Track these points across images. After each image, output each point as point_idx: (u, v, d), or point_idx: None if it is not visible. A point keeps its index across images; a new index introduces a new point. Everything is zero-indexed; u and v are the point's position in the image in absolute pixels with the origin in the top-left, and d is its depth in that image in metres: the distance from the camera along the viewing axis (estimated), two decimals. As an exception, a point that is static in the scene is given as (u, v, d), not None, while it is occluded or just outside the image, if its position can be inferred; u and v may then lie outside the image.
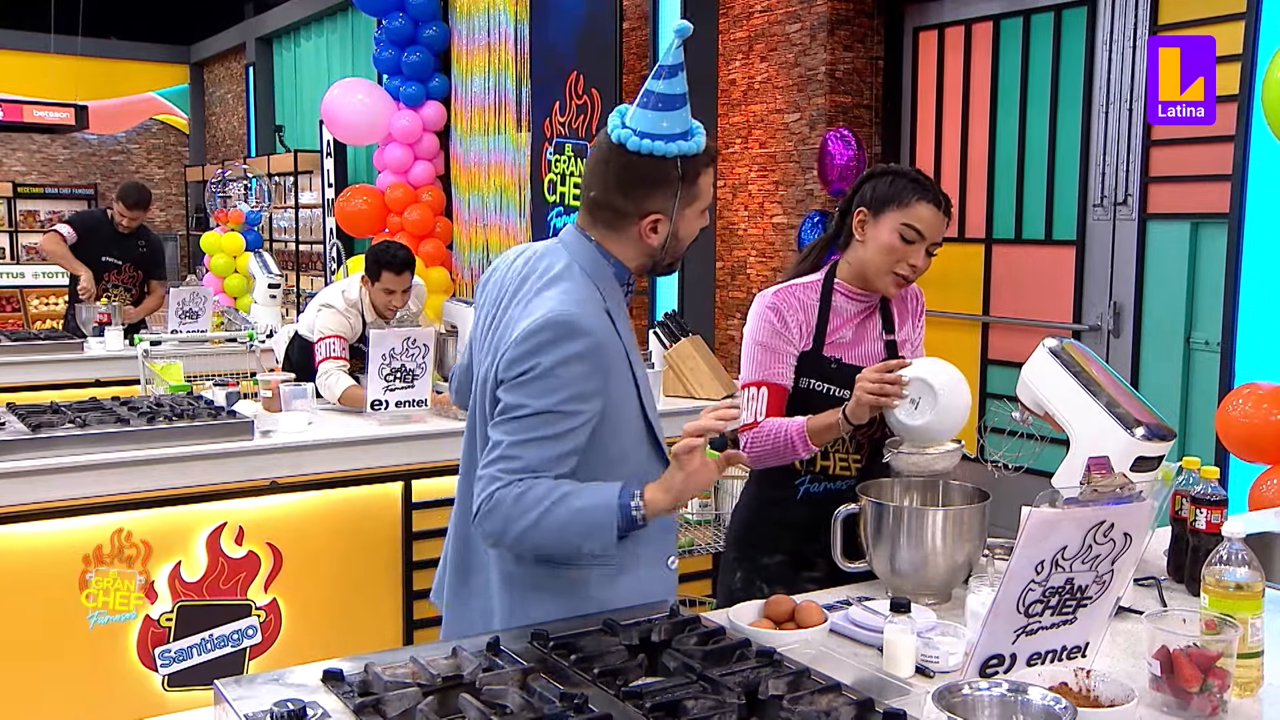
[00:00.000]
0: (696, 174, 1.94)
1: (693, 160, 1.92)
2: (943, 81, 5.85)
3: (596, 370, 1.87)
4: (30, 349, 5.74)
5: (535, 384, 1.85)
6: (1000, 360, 5.56)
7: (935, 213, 2.35)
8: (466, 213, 8.86)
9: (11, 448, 3.25)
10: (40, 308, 11.87)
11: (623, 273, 1.99)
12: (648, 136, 1.89)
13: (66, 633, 3.26)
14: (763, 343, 2.37)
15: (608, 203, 1.95)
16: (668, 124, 1.88)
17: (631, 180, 1.92)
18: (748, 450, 2.33)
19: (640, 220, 1.94)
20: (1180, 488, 2.14)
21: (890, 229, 2.33)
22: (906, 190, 2.33)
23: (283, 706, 1.46)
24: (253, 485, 3.55)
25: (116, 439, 3.39)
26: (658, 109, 1.88)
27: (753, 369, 2.38)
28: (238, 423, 3.60)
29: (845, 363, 2.39)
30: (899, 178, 2.36)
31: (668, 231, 1.95)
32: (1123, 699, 1.50)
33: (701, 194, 1.97)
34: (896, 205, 2.33)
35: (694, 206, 1.97)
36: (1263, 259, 3.88)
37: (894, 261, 2.35)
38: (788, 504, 2.42)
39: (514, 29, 8.17)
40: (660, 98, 1.88)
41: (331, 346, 4.30)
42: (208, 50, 16.12)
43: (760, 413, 2.33)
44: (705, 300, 6.63)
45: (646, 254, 1.99)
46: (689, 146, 1.90)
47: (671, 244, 1.98)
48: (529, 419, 1.86)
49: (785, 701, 1.49)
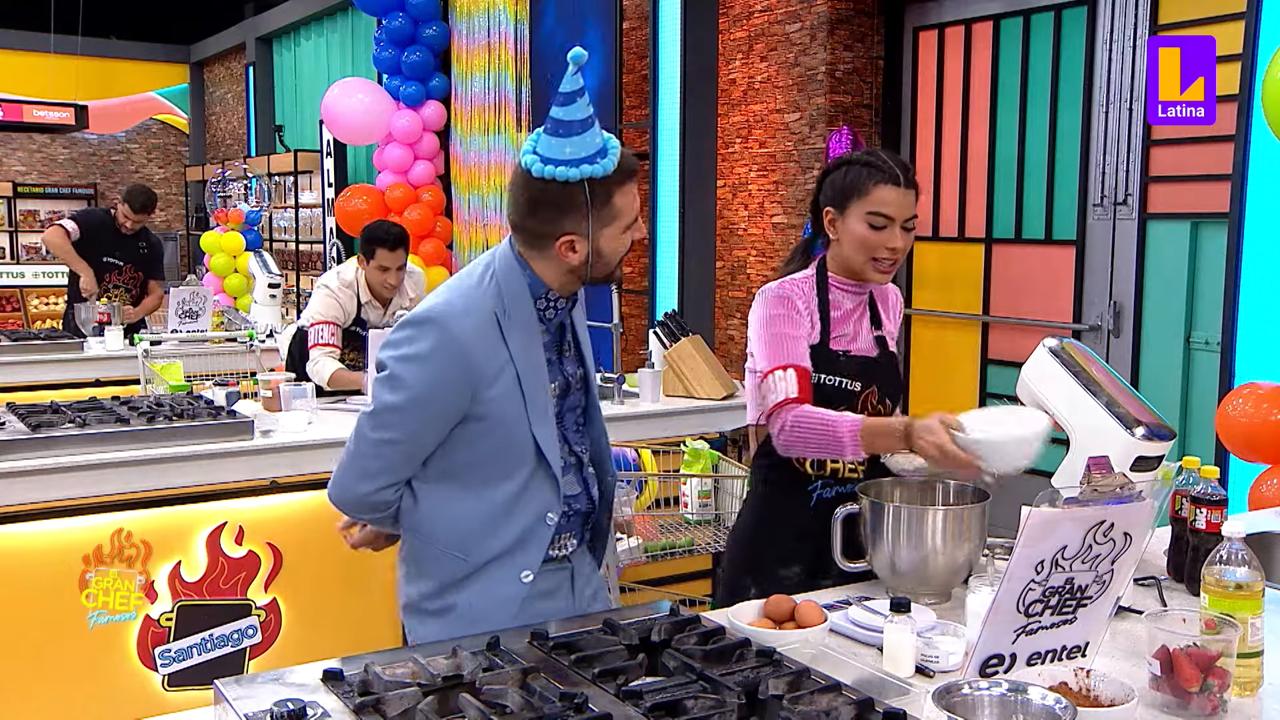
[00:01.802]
0: (609, 194, 1.96)
1: (603, 182, 1.94)
2: (943, 81, 5.85)
3: (449, 372, 1.95)
4: (30, 349, 5.75)
5: (388, 381, 1.99)
6: (1000, 360, 5.56)
7: (897, 191, 2.28)
8: (466, 213, 8.86)
9: (11, 448, 3.25)
10: (40, 308, 11.86)
11: (538, 287, 2.04)
12: (550, 162, 1.92)
13: (66, 633, 3.25)
14: (779, 329, 2.30)
15: (523, 225, 2.02)
16: (570, 149, 1.91)
17: (540, 204, 1.97)
18: (783, 435, 2.23)
19: (556, 242, 1.98)
20: (1180, 488, 2.14)
21: (858, 221, 2.29)
22: (862, 177, 2.29)
23: (283, 706, 1.46)
24: (253, 485, 3.55)
25: (116, 439, 3.39)
26: (558, 135, 1.92)
27: (774, 354, 2.28)
28: (238, 423, 3.60)
29: (853, 354, 2.36)
30: (853, 166, 2.32)
31: (587, 250, 1.98)
32: (1123, 699, 1.50)
33: (620, 212, 1.99)
34: (857, 196, 2.29)
35: (613, 226, 1.99)
36: (1263, 259, 3.88)
37: (872, 250, 2.30)
38: (801, 511, 2.34)
39: (514, 29, 8.18)
40: (560, 124, 1.92)
41: (321, 333, 4.39)
42: (208, 50, 16.11)
43: (792, 390, 2.22)
44: (705, 300, 6.63)
45: (569, 271, 2.02)
46: (594, 170, 1.92)
47: (596, 261, 2.00)
48: (380, 415, 1.99)
49: (785, 701, 1.49)
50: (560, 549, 2.13)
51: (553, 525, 2.07)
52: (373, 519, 2.16)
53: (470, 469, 2.03)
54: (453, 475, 2.04)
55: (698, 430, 4.32)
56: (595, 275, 2.03)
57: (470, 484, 2.03)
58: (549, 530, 2.07)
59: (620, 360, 4.75)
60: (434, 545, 2.07)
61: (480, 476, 2.03)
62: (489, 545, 2.03)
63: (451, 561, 2.06)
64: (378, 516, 2.13)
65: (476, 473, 2.03)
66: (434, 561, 2.08)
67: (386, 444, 2.01)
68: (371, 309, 4.54)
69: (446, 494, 2.05)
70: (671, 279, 6.58)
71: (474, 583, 2.05)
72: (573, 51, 1.92)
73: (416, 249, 8.53)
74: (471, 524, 2.04)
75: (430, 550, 2.08)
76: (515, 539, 2.04)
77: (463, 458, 2.02)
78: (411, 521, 2.10)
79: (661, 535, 3.65)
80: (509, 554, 2.04)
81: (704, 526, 3.67)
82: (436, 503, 2.06)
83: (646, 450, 3.94)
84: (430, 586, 2.09)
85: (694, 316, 6.28)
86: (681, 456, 3.84)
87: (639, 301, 7.17)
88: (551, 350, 2.09)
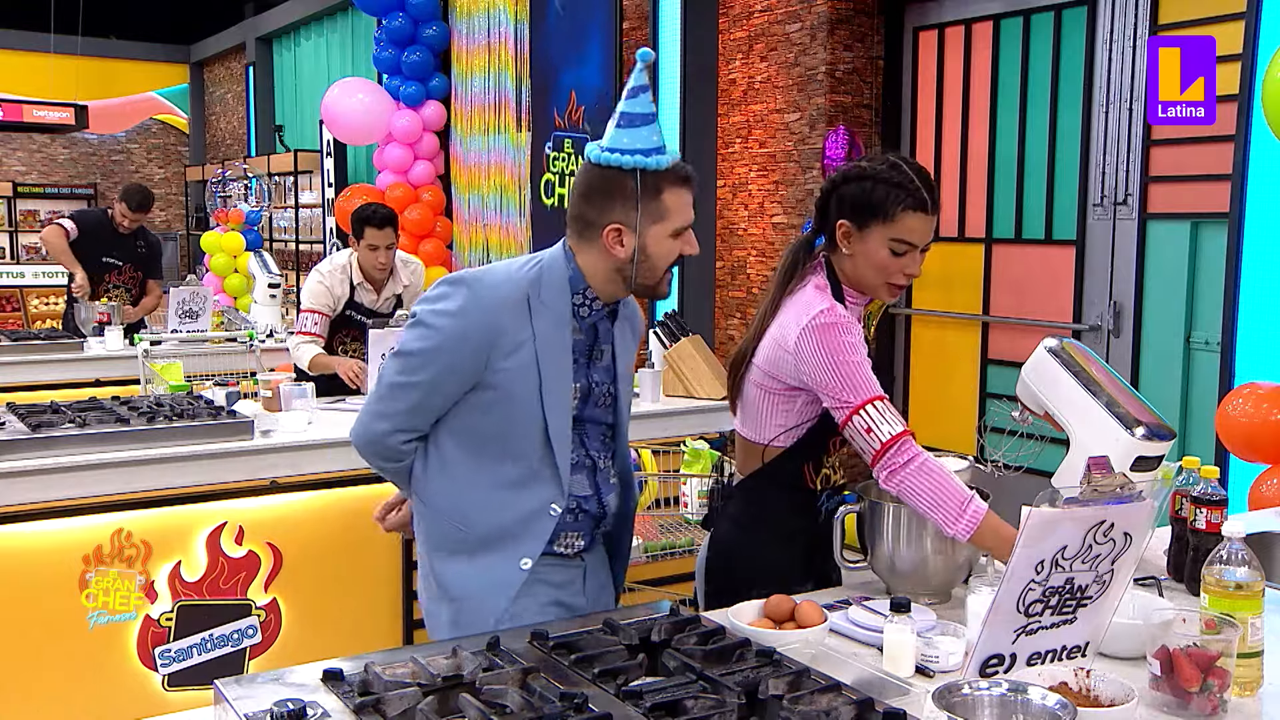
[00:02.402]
0: (659, 189, 2.05)
1: (654, 175, 2.05)
2: (943, 81, 5.84)
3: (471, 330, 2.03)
4: (30, 349, 5.75)
5: (416, 328, 2.09)
6: (1000, 360, 5.56)
7: (923, 219, 2.16)
8: (466, 213, 8.87)
9: (11, 448, 3.25)
10: (40, 308, 11.86)
11: (578, 281, 2.12)
12: (608, 150, 2.05)
13: (66, 633, 3.25)
14: (854, 359, 2.11)
15: (578, 214, 2.12)
16: (628, 139, 2.04)
17: (593, 189, 2.08)
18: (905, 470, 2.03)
19: (604, 230, 2.07)
20: (1180, 488, 2.14)
21: (879, 244, 2.17)
22: (890, 200, 2.14)
23: (283, 706, 1.46)
24: (253, 485, 3.55)
25: (116, 439, 3.39)
26: (620, 126, 2.06)
27: (867, 385, 2.10)
28: (238, 423, 3.60)
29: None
30: (879, 184, 2.16)
31: (633, 245, 2.06)
32: (1123, 699, 1.50)
33: (668, 211, 2.07)
34: (881, 220, 2.15)
35: (661, 225, 2.07)
36: (1263, 259, 3.88)
37: (889, 275, 2.20)
38: (810, 525, 2.26)
39: (514, 29, 8.18)
40: (623, 115, 2.06)
41: (304, 321, 4.55)
42: (208, 50, 16.11)
43: (904, 423, 2.07)
44: (705, 300, 6.63)
45: (614, 267, 2.10)
46: (649, 162, 2.03)
47: (641, 261, 2.08)
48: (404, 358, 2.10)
49: (785, 701, 1.49)
50: (568, 547, 2.17)
51: (555, 517, 2.11)
52: (388, 469, 2.22)
53: (479, 439, 2.10)
54: (463, 443, 2.11)
55: (698, 430, 4.32)
56: (640, 279, 2.11)
57: (479, 455, 2.11)
58: (551, 522, 2.11)
59: (620, 360, 4.74)
60: (438, 512, 2.15)
61: (489, 450, 2.10)
62: (488, 521, 2.10)
63: (451, 530, 2.13)
64: (392, 467, 2.20)
65: (486, 446, 2.10)
66: (435, 525, 2.16)
67: (403, 387, 2.09)
68: (364, 291, 4.62)
69: (454, 460, 2.12)
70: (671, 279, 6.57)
71: (472, 558, 2.12)
72: (640, 50, 2.07)
73: (416, 249, 8.54)
74: (474, 495, 2.11)
75: (433, 516, 2.16)
76: (517, 522, 2.10)
77: (473, 425, 2.10)
78: (418, 482, 2.18)
79: (661, 535, 3.65)
80: (510, 537, 2.10)
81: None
82: (443, 467, 2.13)
83: (646, 450, 3.94)
84: (432, 546, 2.17)
85: (694, 316, 6.28)
86: (681, 456, 3.84)
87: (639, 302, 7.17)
88: (581, 352, 2.15)
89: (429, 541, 2.19)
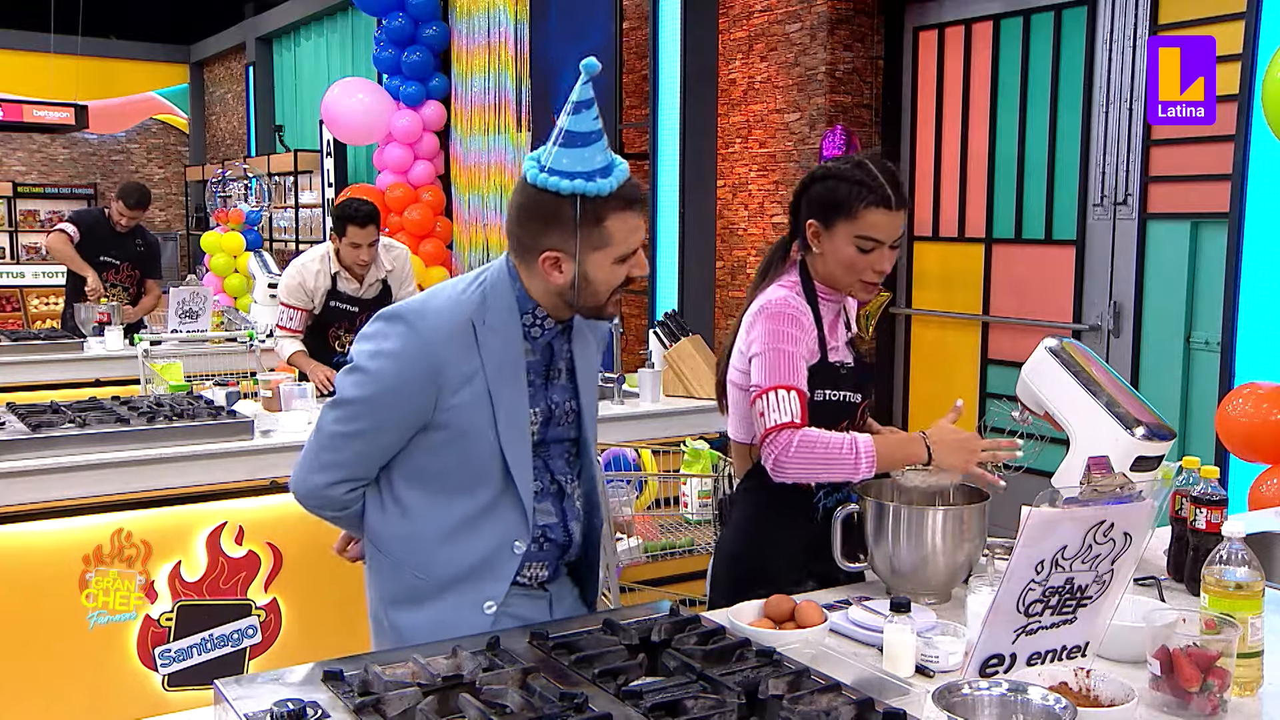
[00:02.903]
0: (600, 217, 1.85)
1: (594, 202, 1.83)
2: (943, 81, 5.85)
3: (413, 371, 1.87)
4: (30, 349, 5.75)
5: (352, 374, 1.93)
6: (1000, 360, 5.56)
7: (888, 215, 2.17)
8: (466, 213, 8.87)
9: (11, 448, 3.25)
10: (40, 308, 11.86)
11: (525, 301, 1.95)
12: (546, 171, 1.84)
13: (66, 633, 3.25)
14: (785, 349, 2.18)
15: (513, 233, 1.94)
16: (568, 161, 1.82)
17: (528, 214, 1.90)
18: (788, 452, 2.11)
19: (540, 257, 1.89)
20: (1180, 488, 2.14)
21: (845, 242, 2.19)
22: (852, 197, 2.17)
23: (283, 706, 1.46)
24: (253, 485, 3.55)
25: (116, 439, 3.39)
26: (561, 145, 1.84)
27: (778, 372, 2.16)
28: (238, 423, 3.60)
29: (850, 366, 2.30)
30: (841, 182, 2.19)
31: (573, 273, 1.88)
32: (1123, 699, 1.50)
33: (613, 239, 1.87)
34: (845, 217, 2.18)
35: (604, 252, 1.87)
36: (1263, 259, 3.88)
37: (859, 272, 2.22)
38: (811, 526, 2.26)
39: (514, 29, 8.18)
40: (565, 133, 1.84)
41: (282, 317, 4.63)
42: (208, 50, 16.11)
43: (797, 415, 2.12)
44: (705, 300, 6.63)
45: (554, 292, 1.92)
46: (590, 187, 1.82)
47: (584, 287, 1.89)
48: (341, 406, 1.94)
49: (785, 701, 1.49)
50: (531, 578, 2.02)
51: (519, 554, 1.97)
52: (333, 519, 2.07)
53: (432, 478, 1.95)
54: (415, 483, 1.96)
55: (698, 430, 4.32)
56: (583, 304, 1.93)
57: (433, 493, 1.95)
58: (516, 559, 1.96)
59: (620, 360, 4.75)
60: (391, 557, 2.00)
61: (443, 487, 1.95)
62: (447, 563, 1.94)
63: (409, 578, 1.97)
64: (337, 516, 2.05)
65: (439, 482, 1.95)
66: (391, 575, 2.00)
67: (343, 437, 1.94)
68: (345, 280, 4.66)
69: (409, 502, 1.97)
70: (671, 279, 6.58)
71: (432, 605, 1.96)
72: (585, 61, 1.84)
73: (416, 249, 8.54)
74: (430, 537, 1.95)
75: (387, 562, 2.01)
76: (477, 562, 1.95)
77: (424, 466, 1.94)
78: (371, 529, 2.02)
79: (661, 535, 3.65)
80: (471, 579, 1.95)
81: (704, 526, 3.67)
82: (400, 513, 1.98)
83: (646, 450, 3.94)
84: (387, 598, 2.01)
85: (694, 316, 6.28)
86: (681, 456, 3.84)
87: (639, 301, 7.17)
88: (538, 373, 1.99)
89: (383, 592, 2.01)
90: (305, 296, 4.60)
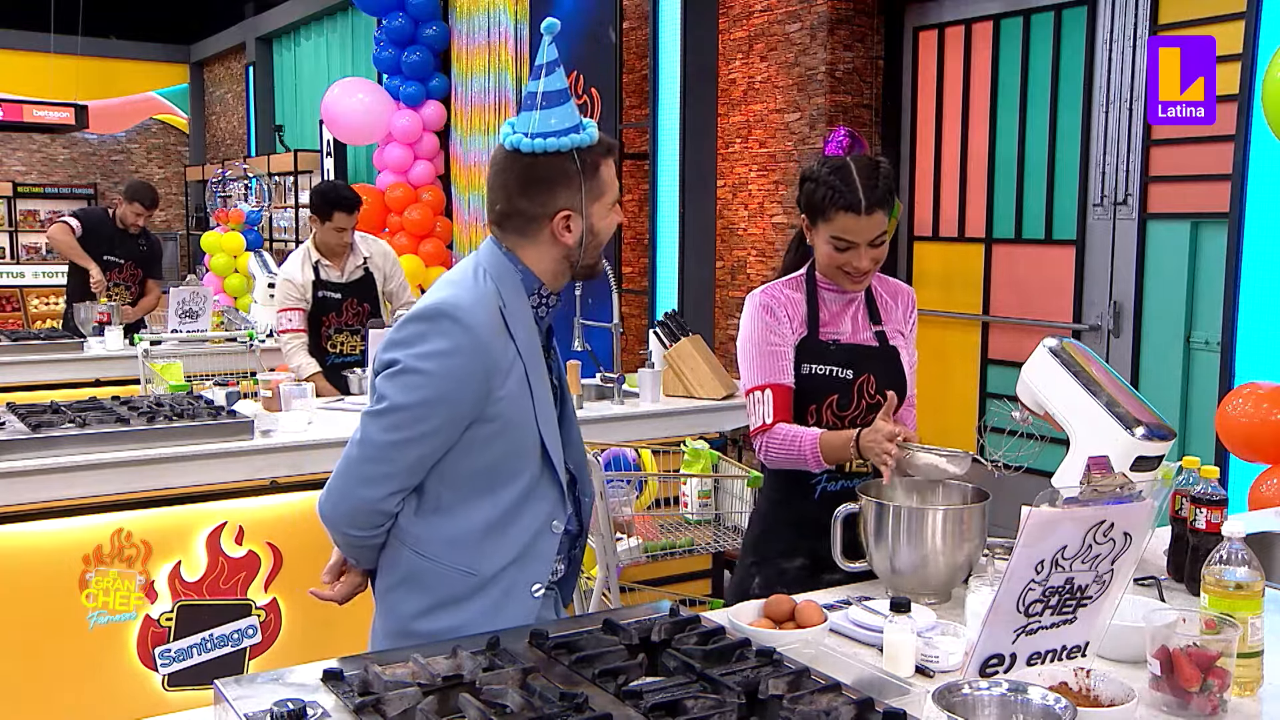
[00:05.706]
0: (596, 165, 1.96)
1: (589, 151, 1.94)
2: (943, 81, 5.84)
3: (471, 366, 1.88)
4: (30, 349, 5.75)
5: (401, 378, 1.89)
6: (1000, 360, 5.56)
7: (855, 218, 2.28)
8: (466, 213, 8.86)
9: (11, 448, 3.26)
10: (40, 308, 11.86)
11: (531, 282, 1.99)
12: (539, 136, 1.91)
13: (66, 633, 3.25)
14: (759, 344, 2.38)
15: (516, 210, 1.96)
16: (556, 120, 1.91)
17: (533, 181, 1.94)
18: (763, 454, 2.34)
19: (551, 221, 1.95)
20: (1180, 487, 2.14)
21: (824, 241, 2.35)
22: (825, 201, 2.30)
23: (283, 706, 1.46)
24: (253, 485, 3.55)
25: (116, 439, 3.39)
26: (543, 108, 1.91)
27: (754, 373, 2.37)
28: (238, 423, 3.60)
29: (843, 343, 2.39)
30: (818, 185, 2.33)
31: (582, 228, 1.96)
32: (1123, 699, 1.50)
33: (607, 186, 1.98)
34: (821, 218, 2.33)
35: (602, 200, 1.98)
36: (1263, 259, 3.88)
37: (839, 265, 2.36)
38: (806, 504, 2.38)
39: (514, 29, 8.17)
40: (543, 95, 1.91)
41: (283, 320, 4.75)
42: (208, 50, 16.11)
43: (768, 416, 2.32)
44: (705, 300, 6.63)
45: (563, 255, 1.99)
46: (582, 139, 1.92)
47: (589, 241, 1.99)
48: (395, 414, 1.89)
49: (785, 701, 1.49)
50: (554, 574, 2.06)
51: (558, 534, 2.01)
52: (362, 537, 1.98)
53: (477, 475, 1.94)
54: (456, 481, 1.94)
55: (698, 430, 4.33)
56: (586, 261, 2.01)
57: (477, 488, 1.94)
58: (556, 539, 2.00)
59: (620, 360, 4.75)
60: (437, 561, 1.96)
61: (487, 482, 1.94)
62: (496, 555, 1.94)
63: (457, 578, 1.95)
64: (369, 535, 1.98)
65: (483, 478, 1.94)
66: (436, 578, 1.96)
67: (396, 445, 1.89)
68: (327, 269, 4.79)
69: (448, 501, 1.95)
70: (671, 279, 6.58)
71: (481, 599, 1.95)
72: (545, 22, 1.91)
73: (417, 249, 8.55)
74: (477, 532, 1.94)
75: (434, 567, 1.96)
76: (523, 547, 1.96)
77: (470, 464, 1.93)
78: (412, 535, 1.97)
79: (661, 535, 3.65)
80: (516, 565, 1.96)
81: (704, 526, 3.67)
82: (437, 513, 1.96)
83: (646, 450, 3.94)
84: (428, 603, 1.97)
85: (694, 316, 6.27)
86: (681, 456, 3.84)
87: (639, 301, 7.17)
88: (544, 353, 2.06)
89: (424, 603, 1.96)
90: (298, 294, 4.73)
